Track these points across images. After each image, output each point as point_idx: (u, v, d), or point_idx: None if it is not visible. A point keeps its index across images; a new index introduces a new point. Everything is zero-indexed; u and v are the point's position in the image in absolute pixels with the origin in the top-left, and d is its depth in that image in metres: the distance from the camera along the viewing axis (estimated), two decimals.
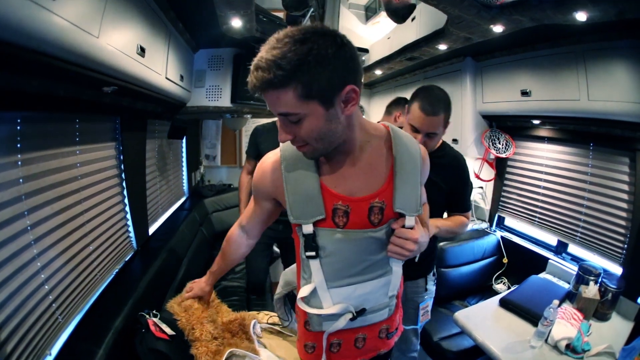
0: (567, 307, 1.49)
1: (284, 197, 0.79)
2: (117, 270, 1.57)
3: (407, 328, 1.54)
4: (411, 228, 0.80)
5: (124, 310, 1.36)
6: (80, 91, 1.16)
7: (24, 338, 0.99)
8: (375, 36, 3.11)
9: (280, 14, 2.82)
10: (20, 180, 1.00)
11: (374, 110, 3.82)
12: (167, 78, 1.68)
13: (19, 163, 0.99)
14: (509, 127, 2.23)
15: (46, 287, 1.11)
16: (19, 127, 0.98)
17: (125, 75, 1.26)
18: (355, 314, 0.84)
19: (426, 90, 1.25)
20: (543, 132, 2.03)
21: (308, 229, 0.78)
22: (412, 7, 1.59)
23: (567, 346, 1.28)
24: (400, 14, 1.58)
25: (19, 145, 0.98)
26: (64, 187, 1.22)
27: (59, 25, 0.79)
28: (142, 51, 1.32)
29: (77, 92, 1.15)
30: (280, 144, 0.83)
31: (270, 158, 0.85)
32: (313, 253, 0.79)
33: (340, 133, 0.73)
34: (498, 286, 2.22)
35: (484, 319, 1.53)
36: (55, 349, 1.12)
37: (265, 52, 0.62)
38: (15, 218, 0.98)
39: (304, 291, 0.82)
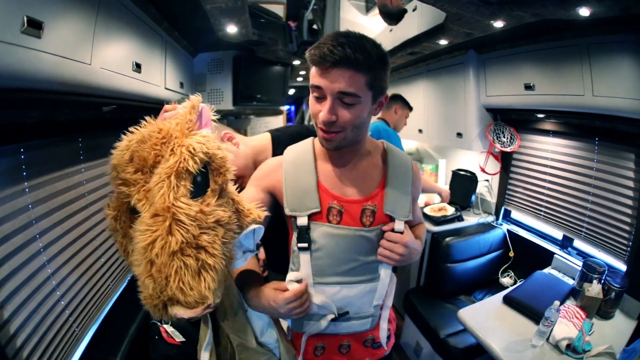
0: (571, 304, 1.49)
1: (282, 190, 0.84)
2: (128, 278, 1.63)
3: None
4: (401, 233, 0.84)
5: (137, 319, 1.42)
6: (80, 114, 1.19)
7: (45, 352, 1.06)
8: (378, 26, 3.04)
9: (278, 7, 2.77)
10: (30, 206, 1.04)
11: None
12: (166, 88, 1.70)
13: (27, 190, 1.03)
14: (514, 120, 2.18)
15: (62, 302, 1.17)
16: (22, 157, 1.01)
17: (124, 94, 1.28)
18: (337, 315, 0.87)
19: None
20: (548, 126, 1.98)
21: (302, 221, 0.83)
22: (404, 12, 1.58)
23: (568, 346, 1.29)
24: (394, 17, 1.57)
25: (24, 174, 1.02)
26: (72, 206, 1.26)
27: (49, 62, 0.80)
28: (138, 67, 1.33)
29: (77, 115, 1.17)
30: (285, 150, 0.91)
31: (274, 159, 0.92)
32: (305, 245, 0.83)
33: (365, 130, 0.83)
34: (504, 280, 2.21)
35: (487, 317, 1.55)
36: None
37: (345, 38, 0.69)
38: (28, 243, 1.03)
39: (291, 275, 0.84)
